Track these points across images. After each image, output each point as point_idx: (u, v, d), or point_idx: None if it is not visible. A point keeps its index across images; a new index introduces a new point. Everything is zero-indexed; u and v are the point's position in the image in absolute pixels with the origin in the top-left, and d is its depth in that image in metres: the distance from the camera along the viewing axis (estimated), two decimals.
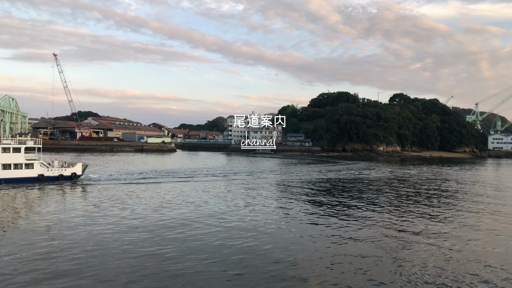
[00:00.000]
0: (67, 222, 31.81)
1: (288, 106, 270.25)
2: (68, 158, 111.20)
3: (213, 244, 26.45)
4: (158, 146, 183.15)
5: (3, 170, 52.23)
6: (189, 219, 33.92)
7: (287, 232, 30.55)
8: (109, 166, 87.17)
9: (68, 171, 57.55)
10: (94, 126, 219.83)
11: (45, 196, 43.92)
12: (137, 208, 38.26)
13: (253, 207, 40.62)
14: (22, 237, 26.91)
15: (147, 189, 51.75)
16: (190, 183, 58.97)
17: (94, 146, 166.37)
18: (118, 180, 59.53)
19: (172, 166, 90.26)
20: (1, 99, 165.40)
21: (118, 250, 24.53)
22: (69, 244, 25.41)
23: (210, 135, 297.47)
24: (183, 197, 45.67)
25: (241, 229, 30.80)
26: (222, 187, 56.12)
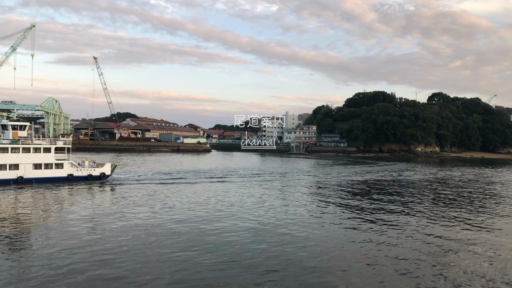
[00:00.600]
0: (96, 220, 32.76)
1: (323, 106, 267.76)
2: (107, 158, 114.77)
3: (247, 244, 26.52)
4: (193, 147, 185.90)
5: (34, 169, 52.99)
6: (224, 218, 34.16)
7: (322, 234, 30.20)
8: (144, 166, 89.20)
9: (97, 171, 57.99)
10: (133, 127, 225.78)
11: (74, 196, 44.98)
12: (168, 207, 38.88)
13: (288, 208, 40.45)
14: (56, 234, 27.94)
15: (179, 189, 52.37)
16: (225, 184, 59.41)
17: (132, 147, 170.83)
18: (150, 180, 60.24)
19: (207, 166, 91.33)
20: (45, 101, 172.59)
21: (152, 248, 25.01)
22: (102, 241, 26.15)
23: (244, 135, 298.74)
24: (218, 196, 46.08)
25: (275, 230, 30.73)
26: (257, 187, 56.23)
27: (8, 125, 54.24)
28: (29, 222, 31.63)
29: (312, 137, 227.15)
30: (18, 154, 51.91)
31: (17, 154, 51.86)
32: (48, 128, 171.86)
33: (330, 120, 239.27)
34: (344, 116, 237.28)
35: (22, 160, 52.14)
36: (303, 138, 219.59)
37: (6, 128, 54.38)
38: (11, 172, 51.21)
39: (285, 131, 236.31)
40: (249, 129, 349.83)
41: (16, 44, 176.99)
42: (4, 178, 50.58)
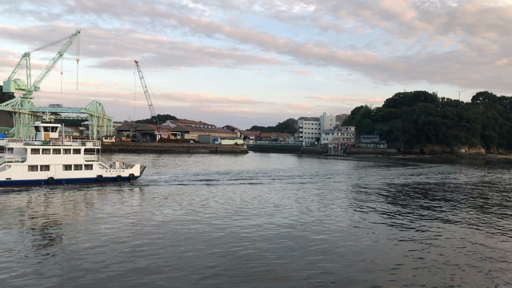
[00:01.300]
0: (127, 220, 33.52)
1: (362, 107, 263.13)
2: (148, 159, 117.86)
3: (287, 244, 26.46)
4: (231, 148, 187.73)
5: (64, 170, 53.48)
6: (262, 219, 34.24)
7: (363, 237, 29.68)
8: (180, 167, 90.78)
9: (126, 172, 58.19)
10: (172, 128, 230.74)
11: (104, 196, 45.88)
12: (203, 207, 39.32)
13: (327, 210, 40.04)
14: (89, 232, 28.91)
15: (213, 190, 52.74)
16: (262, 185, 59.50)
17: (172, 148, 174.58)
18: (183, 181, 60.57)
19: (244, 167, 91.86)
20: (89, 104, 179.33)
21: (188, 248, 25.41)
22: (134, 240, 26.83)
23: (281, 137, 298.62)
24: (255, 198, 46.21)
25: (314, 232, 30.50)
26: (295, 189, 55.98)
27: (40, 126, 55.34)
28: (64, 221, 32.79)
29: (350, 138, 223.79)
30: (49, 155, 52.53)
31: (48, 155, 52.49)
32: (92, 130, 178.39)
33: (369, 121, 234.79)
34: (383, 117, 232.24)
35: (53, 161, 52.73)
36: (341, 139, 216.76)
37: (38, 130, 55.63)
38: (42, 173, 51.85)
39: (322, 132, 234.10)
40: (286, 130, 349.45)
41: (63, 50, 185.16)
42: (35, 179, 51.29)
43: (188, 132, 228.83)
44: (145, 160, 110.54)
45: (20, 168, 50.60)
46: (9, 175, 49.71)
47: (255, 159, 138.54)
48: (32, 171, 51.31)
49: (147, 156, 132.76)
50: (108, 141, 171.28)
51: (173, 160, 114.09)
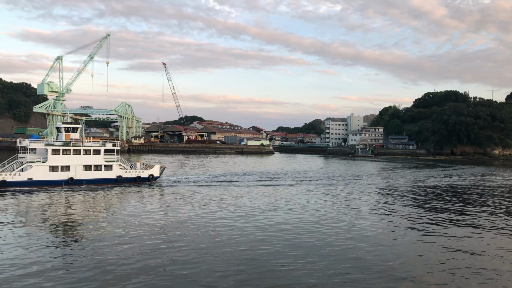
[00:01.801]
0: (148, 220, 33.89)
1: (390, 107, 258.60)
2: (175, 159, 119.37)
3: (311, 246, 26.21)
4: (257, 149, 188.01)
5: (84, 171, 53.72)
6: (289, 221, 34.01)
7: (392, 241, 29.07)
8: (206, 167, 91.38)
9: (146, 172, 58.18)
10: (199, 129, 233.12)
11: (125, 196, 46.25)
12: (226, 208, 39.36)
13: (356, 212, 39.44)
14: (109, 231, 29.39)
15: (236, 191, 52.65)
16: (288, 186, 59.22)
17: (199, 149, 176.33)
18: (203, 182, 60.51)
19: (269, 168, 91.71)
20: (119, 106, 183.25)
21: (210, 248, 25.49)
22: (155, 239, 27.08)
23: (307, 137, 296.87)
24: (281, 199, 46.00)
25: (342, 235, 30.09)
26: (322, 190, 55.42)
27: (61, 127, 55.76)
28: (86, 220, 33.36)
29: (378, 139, 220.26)
30: (69, 155, 52.83)
31: (68, 156, 52.79)
32: (122, 131, 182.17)
33: (398, 121, 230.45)
34: (412, 117, 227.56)
35: (73, 161, 53.03)
36: (369, 140, 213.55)
37: (59, 131, 55.99)
38: (62, 174, 52.22)
39: (349, 133, 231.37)
40: (313, 131, 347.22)
41: (93, 52, 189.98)
42: (56, 179, 51.65)
43: (214, 133, 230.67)
44: (173, 161, 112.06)
45: (41, 168, 51.08)
46: (31, 175, 50.29)
47: (281, 160, 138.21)
48: (52, 171, 51.74)
49: (174, 157, 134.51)
50: (137, 142, 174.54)
51: (200, 161, 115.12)
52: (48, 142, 54.24)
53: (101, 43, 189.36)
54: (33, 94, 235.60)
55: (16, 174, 49.68)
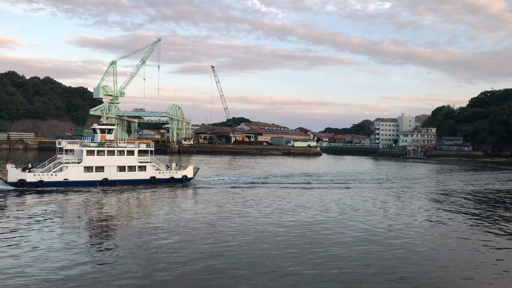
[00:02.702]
0: (185, 221, 34.37)
1: (443, 107, 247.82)
2: (223, 160, 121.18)
3: (367, 249, 25.72)
4: (304, 150, 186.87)
5: (118, 172, 54.26)
6: (340, 223, 33.59)
7: (448, 247, 27.91)
8: (256, 168, 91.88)
9: (179, 173, 58.19)
10: (246, 131, 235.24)
11: (163, 197, 46.70)
12: (269, 211, 39.33)
13: (409, 216, 38.28)
14: (147, 231, 30.13)
15: (277, 193, 52.33)
16: (338, 189, 58.33)
17: (246, 150, 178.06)
18: (235, 184, 59.93)
19: (318, 170, 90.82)
20: (170, 108, 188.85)
21: (255, 249, 25.60)
22: (196, 239, 27.52)
23: (356, 139, 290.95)
24: (331, 201, 45.46)
25: (394, 238, 29.30)
26: (372, 193, 54.15)
27: (97, 128, 56.62)
28: (122, 220, 34.16)
29: (431, 140, 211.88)
30: (103, 156, 53.39)
31: (103, 157, 53.35)
32: (172, 132, 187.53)
33: (452, 121, 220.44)
34: (468, 117, 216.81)
35: (107, 162, 53.60)
36: (421, 141, 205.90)
37: (95, 132, 56.74)
38: (97, 174, 52.81)
39: (400, 134, 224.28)
40: (362, 132, 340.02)
41: (145, 57, 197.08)
42: (90, 180, 52.30)
43: (261, 134, 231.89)
44: (220, 162, 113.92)
45: (76, 169, 51.93)
46: (66, 176, 51.27)
47: (328, 161, 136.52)
48: (87, 172, 52.44)
49: (222, 158, 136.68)
50: (186, 143, 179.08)
51: (247, 162, 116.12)
52: (83, 143, 55.24)
53: (153, 48, 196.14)
54: (90, 97, 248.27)
55: (53, 174, 50.78)
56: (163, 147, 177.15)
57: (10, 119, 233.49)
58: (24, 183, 48.52)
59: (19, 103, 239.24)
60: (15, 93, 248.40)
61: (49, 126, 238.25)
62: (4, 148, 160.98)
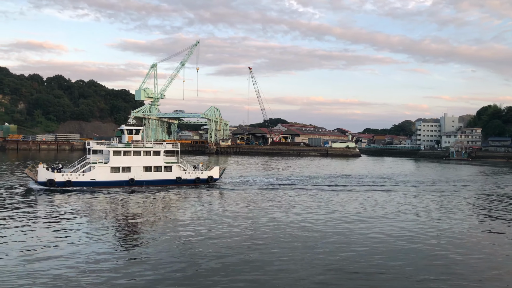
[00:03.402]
0: (215, 223, 34.56)
1: (489, 106, 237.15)
2: (259, 161, 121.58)
3: (410, 256, 25.12)
4: (342, 151, 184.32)
5: (144, 172, 54.70)
6: (382, 227, 32.96)
7: (496, 256, 26.78)
8: (293, 169, 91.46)
9: (205, 174, 58.32)
10: (283, 132, 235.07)
11: (189, 197, 47.02)
12: (308, 212, 38.97)
13: (455, 221, 37.01)
14: (174, 231, 30.49)
15: (309, 195, 51.65)
16: (378, 191, 57.10)
17: (283, 151, 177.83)
18: (269, 185, 59.43)
19: (357, 171, 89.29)
20: (208, 110, 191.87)
21: (289, 254, 25.50)
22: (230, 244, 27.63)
23: (396, 139, 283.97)
24: (372, 205, 44.60)
25: (438, 245, 28.43)
26: (416, 196, 52.63)
27: (124, 129, 56.95)
28: (150, 221, 34.62)
29: (476, 141, 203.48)
30: (130, 157, 53.92)
31: (129, 157, 53.91)
32: (211, 133, 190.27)
33: (499, 121, 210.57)
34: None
35: (133, 163, 54.13)
36: (465, 142, 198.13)
37: (123, 132, 57.08)
38: (123, 174, 53.38)
39: (443, 134, 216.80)
40: (402, 132, 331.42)
41: (184, 59, 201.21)
42: (117, 180, 52.94)
43: (298, 135, 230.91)
44: (257, 162, 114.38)
45: (103, 169, 52.69)
46: (94, 176, 52.08)
47: (368, 163, 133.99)
48: (114, 172, 53.13)
49: (259, 158, 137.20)
50: (224, 144, 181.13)
51: (284, 163, 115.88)
52: (111, 143, 56.34)
53: (192, 50, 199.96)
54: (131, 99, 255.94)
55: (80, 174, 51.81)
56: (202, 148, 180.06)
57: (58, 120, 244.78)
58: (52, 182, 49.74)
59: (66, 105, 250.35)
60: (62, 96, 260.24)
61: (93, 128, 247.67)
62: (52, 149, 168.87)
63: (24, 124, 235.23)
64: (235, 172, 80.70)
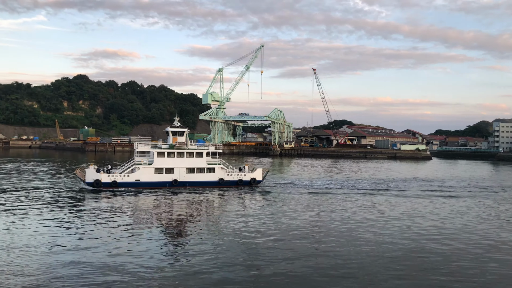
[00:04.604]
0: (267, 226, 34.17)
1: None
2: (324, 163, 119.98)
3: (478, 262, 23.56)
4: (412, 154, 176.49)
5: (187, 173, 54.73)
6: (462, 236, 31.19)
7: None
8: (361, 172, 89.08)
9: (248, 176, 57.50)
10: (348, 133, 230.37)
11: (232, 200, 46.87)
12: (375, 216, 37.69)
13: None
14: (220, 233, 30.48)
15: (374, 199, 49.47)
16: (455, 198, 53.92)
17: (348, 153, 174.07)
18: (324, 188, 57.60)
19: (429, 176, 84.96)
20: (272, 112, 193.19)
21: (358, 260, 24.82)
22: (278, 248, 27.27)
23: (471, 141, 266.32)
24: (452, 212, 42.28)
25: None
26: (500, 203, 49.12)
27: (169, 131, 57.50)
28: (194, 222, 34.76)
29: None
30: (173, 158, 54.18)
31: (172, 159, 54.15)
32: (274, 136, 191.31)
33: None
34: None
35: (177, 164, 54.32)
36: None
37: (168, 134, 57.70)
38: (167, 176, 53.78)
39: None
40: (478, 134, 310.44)
41: (249, 63, 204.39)
42: (161, 181, 53.42)
43: (364, 137, 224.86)
44: (321, 165, 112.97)
45: (147, 170, 53.40)
46: (138, 177, 52.97)
47: (440, 166, 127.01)
48: (158, 173, 53.64)
49: (323, 161, 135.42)
50: (288, 146, 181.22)
51: (350, 166, 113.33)
52: (154, 145, 57.16)
53: (256, 54, 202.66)
54: (199, 103, 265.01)
55: (125, 175, 52.96)
56: (266, 150, 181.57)
57: (131, 124, 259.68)
58: (99, 183, 51.50)
59: (138, 109, 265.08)
60: (135, 101, 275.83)
61: (163, 131, 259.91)
62: (126, 151, 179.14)
63: (101, 128, 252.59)
64: (292, 174, 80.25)
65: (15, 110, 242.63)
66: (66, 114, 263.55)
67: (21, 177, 65.05)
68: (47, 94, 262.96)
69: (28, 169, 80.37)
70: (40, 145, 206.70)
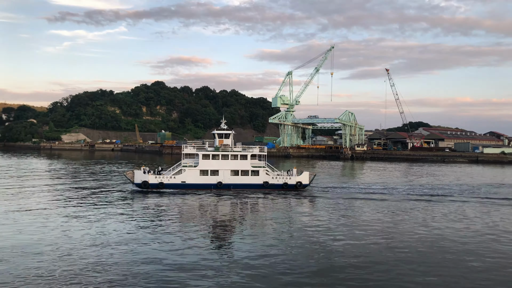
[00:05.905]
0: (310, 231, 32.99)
1: None
2: (399, 168, 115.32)
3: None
4: (496, 157, 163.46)
5: (232, 176, 54.99)
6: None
7: None
8: (434, 176, 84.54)
9: (293, 179, 56.33)
10: (425, 136, 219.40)
11: (276, 204, 46.05)
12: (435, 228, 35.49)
13: None
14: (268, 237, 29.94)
15: (446, 209, 46.44)
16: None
17: (424, 156, 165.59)
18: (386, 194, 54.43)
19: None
20: (342, 114, 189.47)
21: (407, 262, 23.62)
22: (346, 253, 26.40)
23: None
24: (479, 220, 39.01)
25: None
26: None
27: (215, 133, 58.40)
28: (242, 224, 35.00)
29: None
30: (218, 160, 54.75)
31: (217, 161, 54.74)
32: (345, 138, 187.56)
33: None
34: None
35: (221, 166, 54.84)
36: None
37: (214, 137, 58.57)
38: (212, 178, 54.45)
39: None
40: None
41: (318, 65, 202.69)
42: (206, 183, 54.12)
43: (442, 140, 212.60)
44: (395, 169, 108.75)
45: (193, 172, 54.33)
46: (184, 179, 54.13)
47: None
48: (203, 175, 54.50)
49: (398, 165, 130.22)
50: (359, 149, 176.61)
51: (426, 170, 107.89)
52: (201, 147, 57.58)
53: (326, 56, 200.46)
54: (268, 107, 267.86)
55: (172, 177, 54.11)
56: (336, 153, 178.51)
57: (204, 128, 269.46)
58: (146, 184, 53.31)
59: (211, 113, 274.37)
60: (208, 105, 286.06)
61: (234, 134, 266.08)
62: None
63: (177, 131, 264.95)
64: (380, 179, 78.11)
65: (99, 115, 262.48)
66: (145, 118, 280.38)
67: (105, 177, 70.71)
68: (127, 100, 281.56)
69: (111, 170, 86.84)
70: (122, 148, 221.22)
